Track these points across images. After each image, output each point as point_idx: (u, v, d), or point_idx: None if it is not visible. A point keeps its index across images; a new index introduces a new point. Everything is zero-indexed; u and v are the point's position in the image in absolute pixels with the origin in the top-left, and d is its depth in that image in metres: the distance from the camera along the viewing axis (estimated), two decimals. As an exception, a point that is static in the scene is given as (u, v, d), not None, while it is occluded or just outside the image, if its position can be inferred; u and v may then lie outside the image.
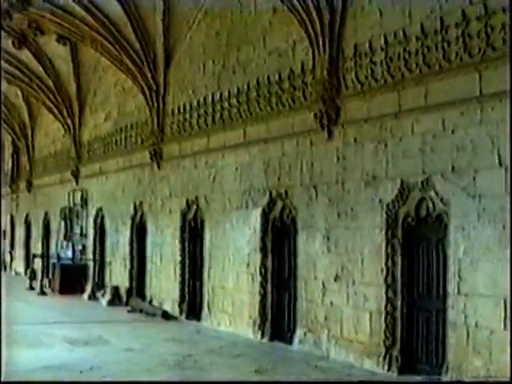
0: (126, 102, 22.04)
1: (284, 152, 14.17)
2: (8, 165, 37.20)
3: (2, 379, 10.10)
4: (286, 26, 14.18)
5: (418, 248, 11.08)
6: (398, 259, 11.24)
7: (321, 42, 12.93)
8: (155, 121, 19.48)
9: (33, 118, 32.11)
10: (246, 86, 15.48)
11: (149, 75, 19.40)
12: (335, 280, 12.52)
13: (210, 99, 16.91)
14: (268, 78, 14.70)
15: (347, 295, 12.23)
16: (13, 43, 24.15)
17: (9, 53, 25.51)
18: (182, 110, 18.30)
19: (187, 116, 18.02)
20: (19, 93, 30.29)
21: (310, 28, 13.08)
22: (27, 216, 33.52)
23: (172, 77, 19.00)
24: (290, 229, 14.06)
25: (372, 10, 12.03)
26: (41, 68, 25.67)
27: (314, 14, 12.90)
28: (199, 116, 17.44)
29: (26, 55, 25.33)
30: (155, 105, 19.45)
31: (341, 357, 12.21)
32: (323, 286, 12.85)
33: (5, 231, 37.43)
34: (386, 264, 11.31)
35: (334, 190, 12.68)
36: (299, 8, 13.12)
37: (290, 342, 13.77)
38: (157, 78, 19.34)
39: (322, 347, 12.77)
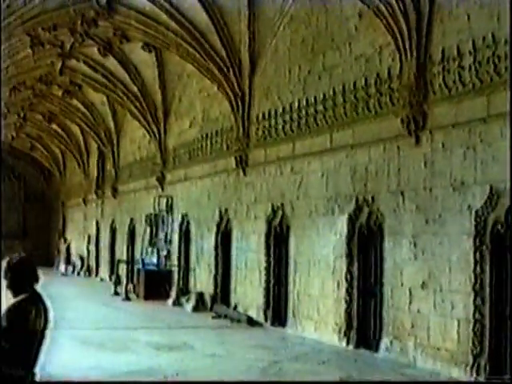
0: (211, 108, 22.50)
1: (371, 158, 14.32)
2: (94, 171, 38.17)
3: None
4: (372, 30, 14.37)
5: (507, 255, 11.09)
6: (487, 266, 11.26)
7: (408, 47, 13.07)
8: (240, 127, 19.83)
9: (118, 124, 32.85)
10: (331, 92, 15.70)
11: (234, 81, 19.78)
12: (422, 287, 12.62)
13: (296, 105, 17.17)
14: (354, 84, 14.89)
15: (434, 302, 12.31)
16: (98, 51, 24.92)
17: (95, 60, 26.33)
18: (267, 116, 18.61)
19: (272, 122, 18.32)
20: (105, 100, 31.03)
21: (396, 32, 13.25)
22: (113, 222, 34.32)
23: (257, 83, 19.33)
24: (377, 235, 14.20)
25: (460, 13, 12.12)
26: (126, 75, 26.34)
27: (401, 18, 13.07)
28: (285, 122, 17.70)
29: (111, 63, 26.07)
30: (240, 111, 19.81)
31: (428, 365, 12.29)
32: (410, 293, 12.96)
33: (89, 236, 38.44)
34: (474, 271, 11.35)
35: (421, 196, 12.79)
36: (385, 13, 13.31)
37: (375, 349, 13.91)
38: (242, 85, 19.70)
39: (409, 355, 12.87)
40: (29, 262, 5.74)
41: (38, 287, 5.65)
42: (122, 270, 29.13)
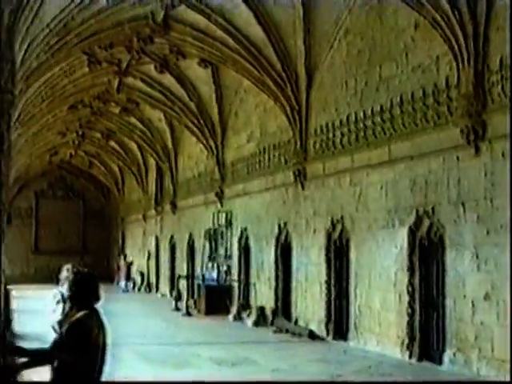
0: (268, 122, 22.74)
1: (430, 169, 14.39)
2: (152, 187, 38.71)
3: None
4: (428, 41, 14.47)
5: None
6: (551, 276, 11.25)
7: (465, 56, 13.15)
8: (298, 140, 20.00)
9: (176, 140, 33.26)
10: (389, 103, 15.82)
11: (291, 95, 19.98)
12: (485, 298, 12.63)
13: (353, 117, 17.31)
14: (412, 95, 14.99)
15: (498, 314, 12.31)
16: (155, 68, 25.38)
17: (151, 77, 26.80)
18: (324, 129, 18.77)
19: (330, 135, 18.48)
20: (162, 117, 31.47)
21: (453, 42, 13.36)
22: (172, 237, 34.72)
23: (314, 96, 19.51)
24: (438, 247, 14.26)
25: (517, 21, 12.14)
26: (183, 91, 26.70)
27: (457, 28, 13.17)
28: (342, 135, 17.84)
29: (168, 79, 26.47)
30: (298, 124, 19.99)
31: (492, 377, 12.28)
32: (473, 304, 12.97)
33: (149, 252, 38.90)
34: (539, 281, 11.34)
35: (482, 207, 12.82)
36: (441, 22, 13.42)
37: (439, 361, 13.92)
38: (299, 98, 19.89)
39: (473, 367, 12.88)
40: (95, 279, 5.97)
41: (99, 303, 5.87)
42: (183, 285, 29.51)
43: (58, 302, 10.70)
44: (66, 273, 10.54)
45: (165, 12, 20.26)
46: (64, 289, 10.41)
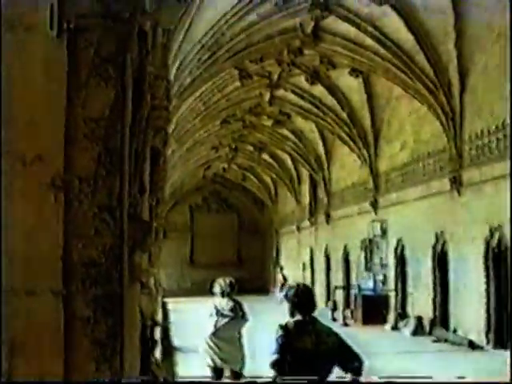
0: (421, 129, 22.82)
1: None
2: (306, 198, 39.22)
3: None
4: None
5: None
6: None
7: None
8: (453, 147, 19.99)
9: (328, 151, 33.56)
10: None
11: (444, 101, 20.02)
12: None
13: (508, 121, 17.14)
14: None
15: None
16: (306, 79, 25.89)
17: (302, 89, 27.34)
18: (479, 135, 18.68)
19: (485, 140, 18.37)
20: (314, 127, 31.86)
21: None
22: (326, 248, 35.04)
23: (467, 101, 19.48)
24: None
25: None
26: (334, 102, 27.09)
27: None
28: (498, 140, 17.71)
29: (319, 90, 26.94)
30: (452, 130, 19.99)
31: None
32: None
33: (304, 263, 39.35)
34: None
35: None
36: None
37: None
38: (452, 104, 19.92)
39: None
40: (312, 291, 6.94)
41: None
42: (339, 295, 29.78)
43: (210, 315, 11.06)
44: (218, 286, 11.05)
45: (314, 23, 20.75)
46: (217, 302, 10.94)
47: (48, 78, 3.31)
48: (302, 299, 6.55)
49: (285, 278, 42.21)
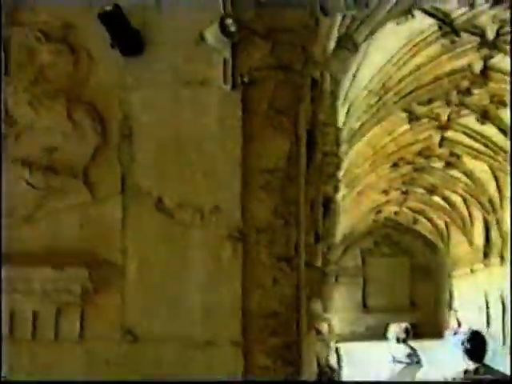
0: None
1: None
2: (479, 240, 38.15)
3: None
4: None
5: None
6: None
7: None
8: None
9: (501, 191, 32.64)
10: None
11: None
12: None
13: None
14: None
15: None
16: (476, 119, 25.37)
17: (472, 129, 26.72)
18: None
19: None
20: (486, 167, 31.05)
21: None
22: (502, 291, 33.78)
23: None
24: None
25: None
26: (507, 141, 26.25)
27: None
28: None
29: (489, 130, 26.24)
30: None
31: None
32: None
33: (480, 307, 38.21)
34: None
35: None
36: None
37: None
38: None
39: None
40: (484, 336, 6.81)
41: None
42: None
43: (388, 362, 10.96)
44: (393, 332, 10.91)
45: (484, 62, 20.37)
46: (392, 348, 10.78)
47: (223, 131, 3.38)
48: (474, 343, 6.46)
49: (459, 323, 41.20)
